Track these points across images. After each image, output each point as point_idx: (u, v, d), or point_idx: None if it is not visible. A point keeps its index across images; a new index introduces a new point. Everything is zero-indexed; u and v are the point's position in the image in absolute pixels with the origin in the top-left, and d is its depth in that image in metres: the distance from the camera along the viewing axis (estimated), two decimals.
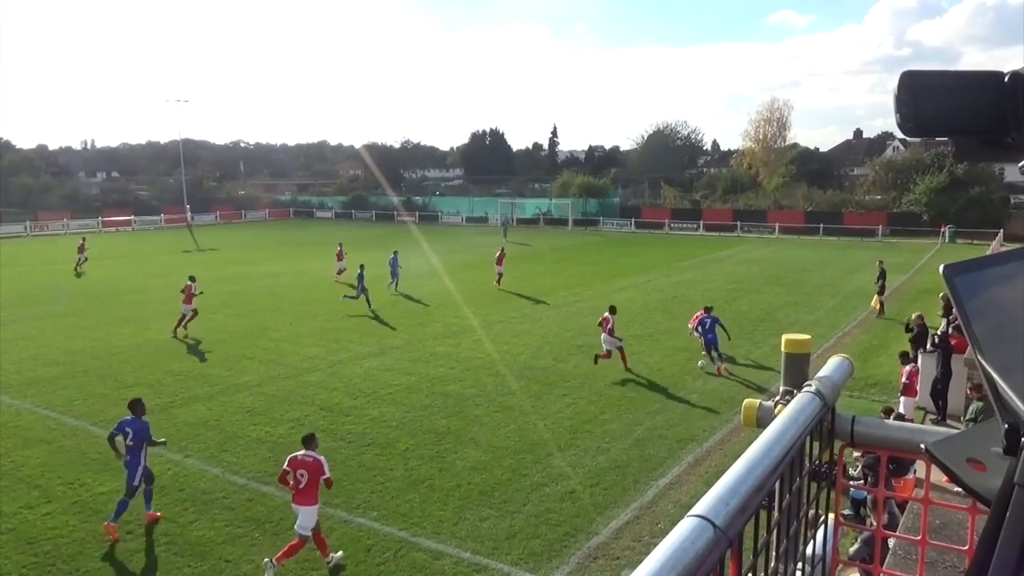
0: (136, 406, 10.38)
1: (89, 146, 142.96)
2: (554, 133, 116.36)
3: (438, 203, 78.17)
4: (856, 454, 7.31)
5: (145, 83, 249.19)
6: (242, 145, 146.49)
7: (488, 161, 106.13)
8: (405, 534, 10.01)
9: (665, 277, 33.37)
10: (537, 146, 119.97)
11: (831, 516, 2.15)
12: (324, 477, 8.96)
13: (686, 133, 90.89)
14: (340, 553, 9.36)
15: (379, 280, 28.32)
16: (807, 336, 2.27)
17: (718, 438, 13.51)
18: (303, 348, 20.27)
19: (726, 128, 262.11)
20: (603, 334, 18.11)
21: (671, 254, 43.61)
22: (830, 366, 2.13)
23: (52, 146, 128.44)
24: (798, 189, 63.62)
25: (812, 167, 70.98)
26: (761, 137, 73.76)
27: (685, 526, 1.20)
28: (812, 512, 1.98)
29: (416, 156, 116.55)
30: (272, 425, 14.23)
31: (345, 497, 11.07)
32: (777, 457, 1.53)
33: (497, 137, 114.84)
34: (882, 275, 25.45)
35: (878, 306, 25.30)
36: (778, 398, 2.11)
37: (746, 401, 2.20)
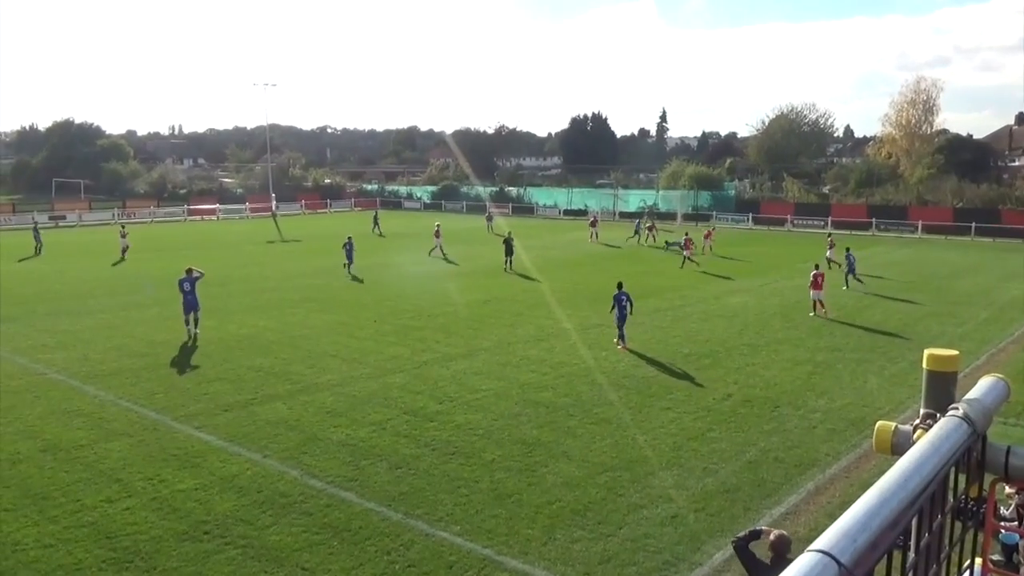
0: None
1: (177, 132, 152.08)
2: (663, 118, 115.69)
3: (533, 194, 78.54)
4: (1009, 490, 6.90)
5: (232, 67, 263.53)
6: (329, 131, 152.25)
7: (589, 148, 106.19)
8: (490, 552, 10.11)
9: (786, 280, 32.38)
10: (644, 132, 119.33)
11: (978, 561, 2.05)
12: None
13: (814, 118, 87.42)
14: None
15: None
16: (954, 352, 2.17)
17: (843, 464, 13.00)
18: (387, 347, 20.81)
19: (859, 112, 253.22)
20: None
21: (793, 254, 42.26)
22: (981, 387, 2.04)
23: (140, 132, 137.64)
24: (946, 182, 60.41)
25: (963, 157, 67.27)
26: (903, 122, 70.52)
27: (805, 561, 1.17)
28: (955, 555, 1.90)
29: (511, 143, 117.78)
30: (353, 427, 14.67)
31: (427, 508, 11.30)
32: (915, 490, 1.48)
33: (599, 122, 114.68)
34: None
35: None
36: (918, 422, 2.05)
37: (879, 424, 2.13)
